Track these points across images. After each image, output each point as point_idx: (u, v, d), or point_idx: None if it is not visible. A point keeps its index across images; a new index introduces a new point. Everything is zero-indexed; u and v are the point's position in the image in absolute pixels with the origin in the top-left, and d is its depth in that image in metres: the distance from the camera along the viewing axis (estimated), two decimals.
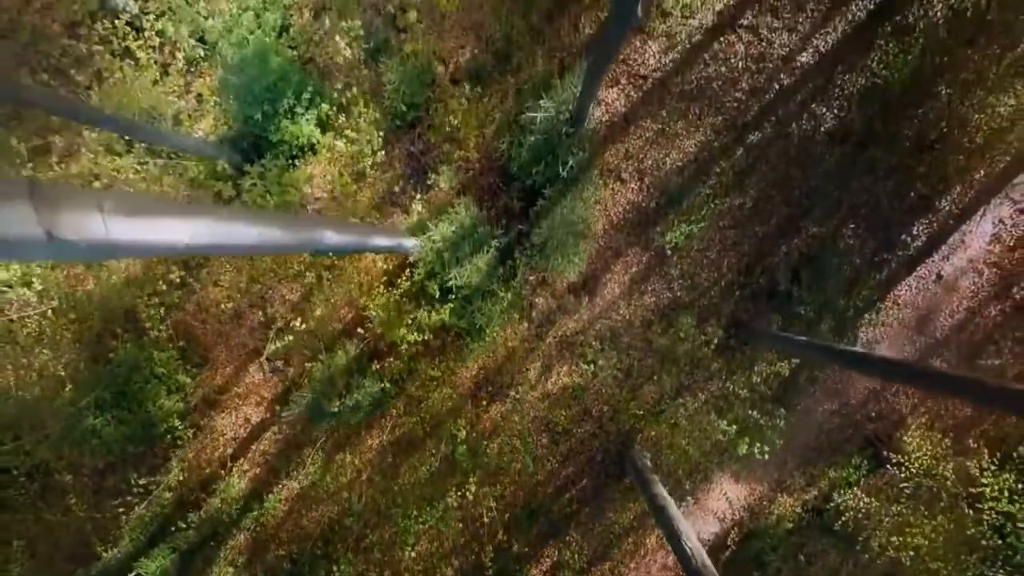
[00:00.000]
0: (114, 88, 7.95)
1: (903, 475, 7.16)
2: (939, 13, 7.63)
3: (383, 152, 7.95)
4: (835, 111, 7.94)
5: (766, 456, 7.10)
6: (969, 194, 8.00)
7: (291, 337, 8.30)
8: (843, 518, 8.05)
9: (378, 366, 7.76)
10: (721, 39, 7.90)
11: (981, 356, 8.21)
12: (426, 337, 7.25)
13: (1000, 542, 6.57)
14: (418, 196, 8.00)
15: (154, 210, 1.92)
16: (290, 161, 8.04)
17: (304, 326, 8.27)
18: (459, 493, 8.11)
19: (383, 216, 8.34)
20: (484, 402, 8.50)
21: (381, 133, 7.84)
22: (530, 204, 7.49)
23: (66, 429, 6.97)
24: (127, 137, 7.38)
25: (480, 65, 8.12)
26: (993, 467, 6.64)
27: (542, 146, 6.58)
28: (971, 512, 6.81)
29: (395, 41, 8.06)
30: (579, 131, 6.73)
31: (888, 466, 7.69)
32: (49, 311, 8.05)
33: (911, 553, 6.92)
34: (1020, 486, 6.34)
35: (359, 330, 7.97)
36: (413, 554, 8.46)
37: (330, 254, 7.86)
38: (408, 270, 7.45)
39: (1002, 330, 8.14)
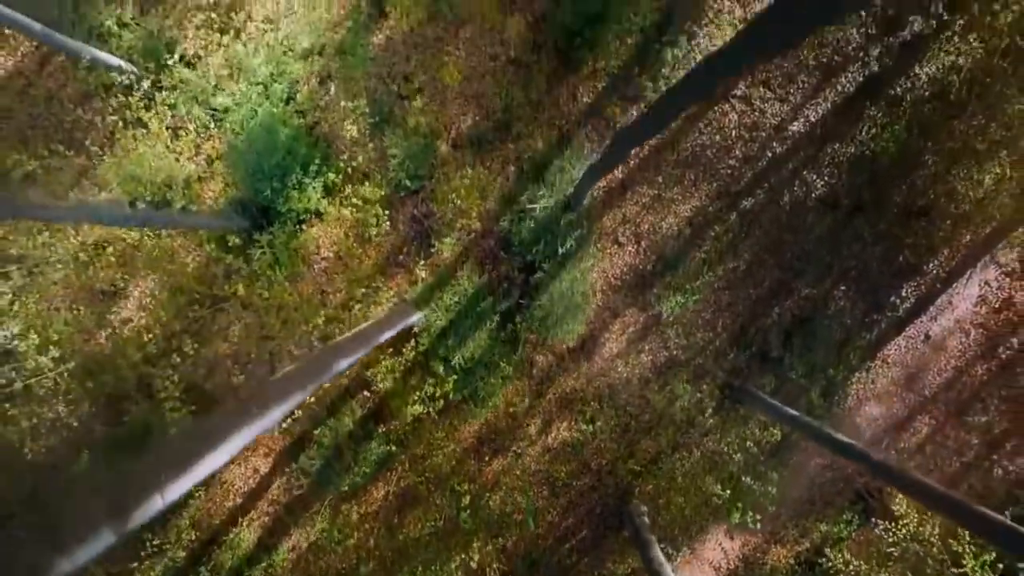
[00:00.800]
0: (126, 155, 8.22)
1: (891, 539, 7.42)
2: (925, 86, 7.88)
3: (387, 218, 8.21)
4: (826, 179, 8.18)
5: (758, 525, 7.35)
6: (956, 258, 8.25)
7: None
8: None
9: (383, 428, 8.01)
10: (715, 108, 8.15)
11: (969, 413, 8.46)
12: (431, 409, 7.50)
13: None
14: (422, 261, 8.25)
15: (200, 453, 2.18)
16: (298, 226, 8.30)
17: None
18: (463, 554, 8.37)
19: (387, 278, 8.60)
20: (486, 457, 8.75)
21: (385, 201, 8.10)
22: (531, 273, 7.74)
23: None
24: (144, 227, 7.63)
25: (481, 132, 8.37)
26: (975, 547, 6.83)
27: (541, 229, 6.83)
28: None
29: (399, 111, 8.32)
30: (577, 212, 6.98)
31: (877, 529, 7.93)
32: (66, 373, 8.33)
33: None
34: (1001, 566, 6.58)
35: (364, 392, 8.23)
36: None
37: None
38: (413, 339, 7.70)
39: (989, 388, 8.39)
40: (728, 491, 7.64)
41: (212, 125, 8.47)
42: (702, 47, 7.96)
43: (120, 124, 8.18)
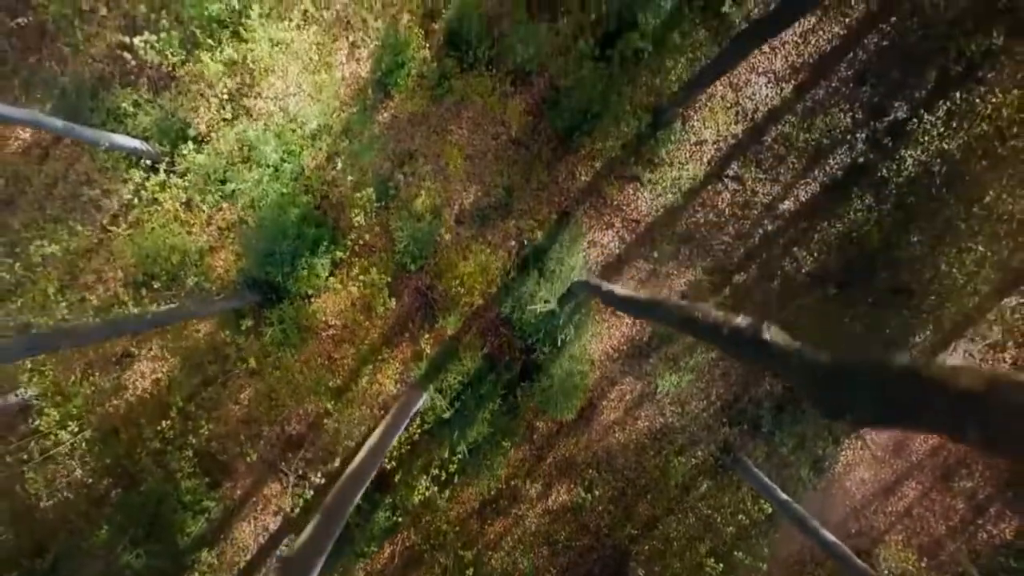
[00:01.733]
0: (140, 232, 8.52)
1: None
2: (910, 169, 8.19)
3: (392, 293, 8.52)
4: (815, 255, 8.50)
5: None
6: (942, 330, 8.55)
7: (307, 456, 8.91)
8: None
9: (389, 499, 8.32)
10: (709, 187, 8.47)
11: (954, 479, 8.76)
12: (437, 487, 7.81)
13: None
14: (426, 334, 8.56)
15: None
16: (306, 299, 8.61)
17: (320, 442, 8.94)
18: None
19: (393, 347, 8.91)
20: (488, 519, 9.05)
21: (390, 278, 8.40)
22: (531, 352, 8.05)
23: (104, 573, 7.55)
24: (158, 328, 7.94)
25: (483, 208, 8.69)
26: None
27: (541, 321, 7.15)
28: None
29: (404, 189, 8.62)
30: (575, 302, 7.29)
31: None
32: (83, 442, 8.65)
33: None
34: None
35: None
36: None
37: None
38: (419, 418, 8.00)
39: (973, 455, 8.69)
40: (721, 564, 7.96)
41: (224, 202, 8.77)
42: (696, 131, 8.28)
43: (135, 201, 8.49)
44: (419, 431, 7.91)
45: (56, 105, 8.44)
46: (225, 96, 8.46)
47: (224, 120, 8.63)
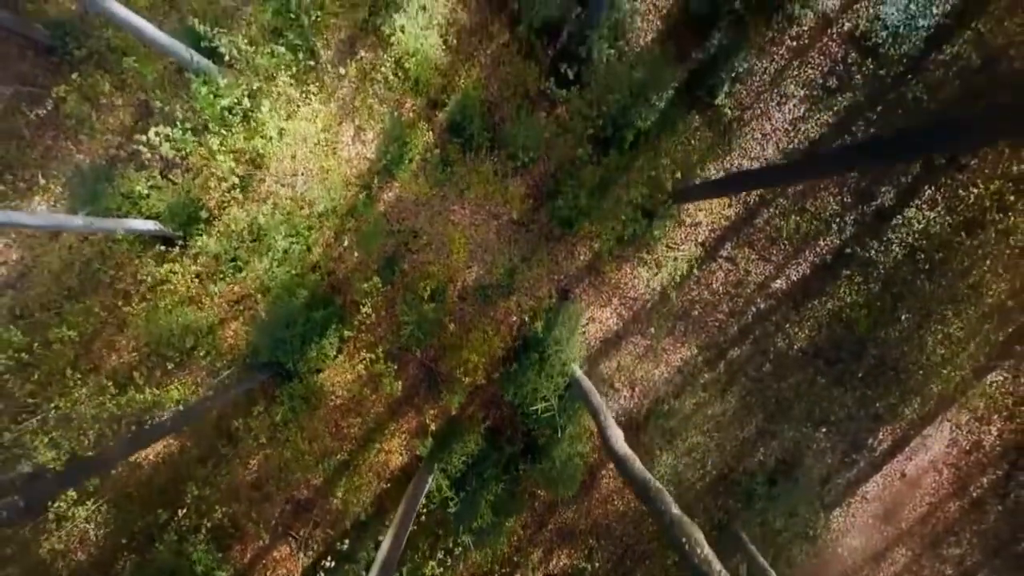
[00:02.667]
0: (154, 311, 8.79)
1: None
2: (897, 250, 8.48)
3: (398, 372, 8.80)
4: (807, 331, 8.78)
5: None
6: (929, 404, 8.84)
7: (315, 520, 9.20)
8: None
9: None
10: (703, 267, 8.76)
11: (943, 546, 9.04)
12: (442, 572, 8.09)
13: None
14: (431, 410, 8.84)
15: None
16: (315, 372, 8.89)
17: (328, 507, 9.23)
18: None
19: (398, 420, 9.19)
20: None
21: (396, 365, 8.68)
22: (532, 433, 8.33)
23: None
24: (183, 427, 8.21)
25: (486, 285, 8.97)
26: None
27: (542, 413, 7.43)
28: None
29: (409, 269, 8.91)
30: (573, 393, 7.57)
31: None
32: (98, 513, 8.93)
33: None
34: None
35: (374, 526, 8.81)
36: None
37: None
38: (424, 499, 8.27)
39: (961, 523, 8.97)
40: None
41: (234, 282, 9.04)
42: (691, 214, 8.58)
43: (148, 280, 8.78)
44: (424, 511, 8.18)
45: (72, 185, 8.71)
46: (235, 179, 8.75)
47: (234, 199, 8.92)
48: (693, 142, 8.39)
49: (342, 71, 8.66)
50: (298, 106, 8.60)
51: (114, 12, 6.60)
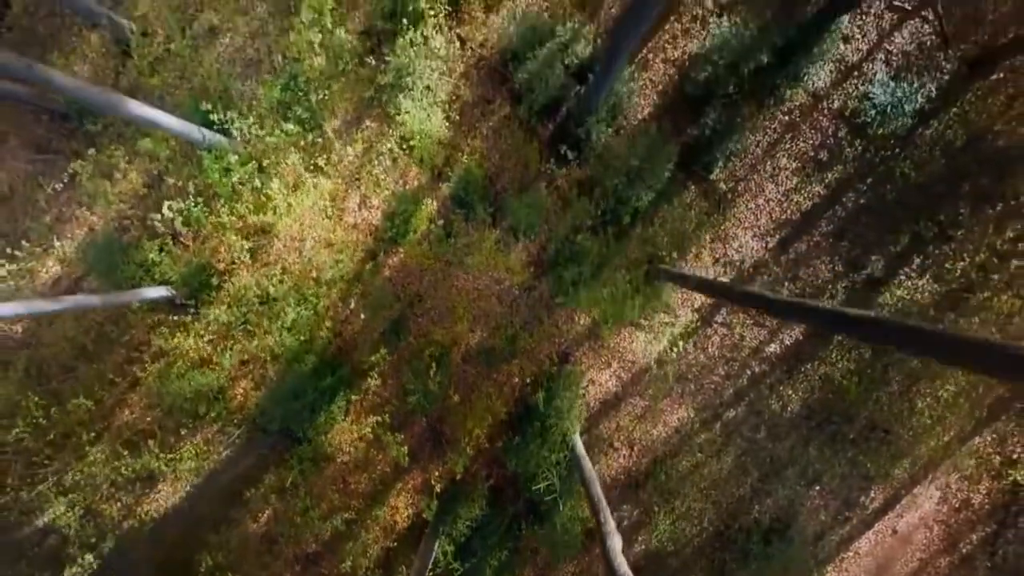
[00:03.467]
0: (167, 378, 9.06)
1: None
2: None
3: (403, 433, 9.06)
4: (800, 394, 9.06)
5: None
6: (919, 464, 9.10)
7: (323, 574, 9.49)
8: None
9: None
10: (700, 332, 9.03)
11: None
12: None
13: None
14: (436, 471, 9.10)
15: None
16: (323, 435, 9.16)
17: (336, 559, 9.51)
18: None
19: (403, 477, 9.46)
20: None
21: (402, 435, 8.94)
22: (534, 496, 8.60)
23: None
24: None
25: (488, 349, 9.24)
26: None
27: (542, 476, 7.71)
28: None
29: (414, 332, 9.19)
30: (572, 460, 7.84)
31: None
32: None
33: None
34: None
35: None
36: None
37: None
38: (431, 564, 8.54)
39: None
40: None
41: (245, 349, 9.29)
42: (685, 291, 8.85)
43: (161, 346, 9.05)
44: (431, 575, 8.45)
45: (87, 255, 8.98)
46: (247, 246, 9.02)
47: (243, 263, 9.19)
48: (689, 212, 8.67)
49: (349, 147, 8.94)
50: (305, 180, 8.88)
51: (130, 111, 6.88)
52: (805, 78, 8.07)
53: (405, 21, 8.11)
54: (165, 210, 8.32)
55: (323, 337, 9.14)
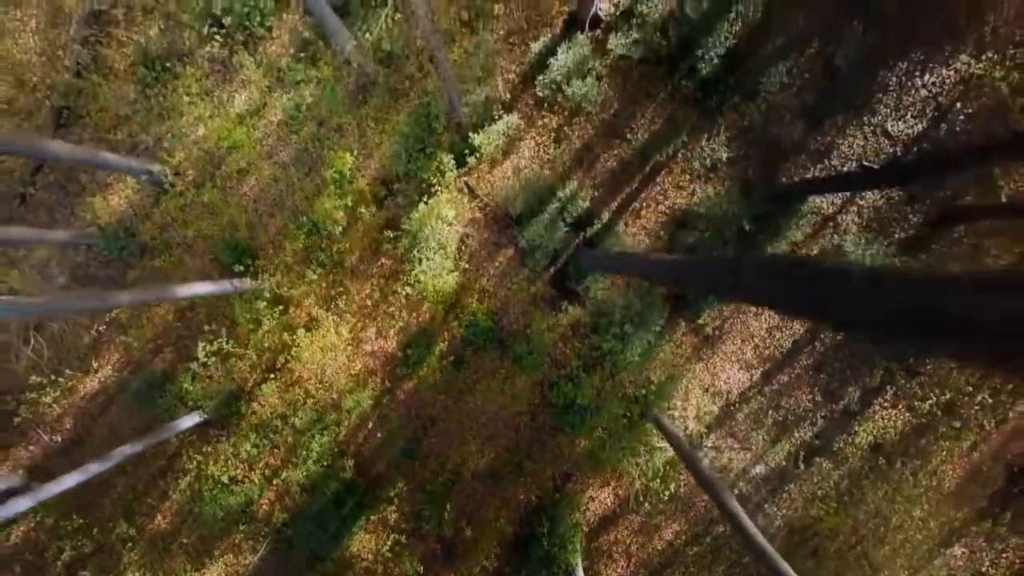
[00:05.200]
0: (197, 499, 9.84)
1: None
2: (864, 441, 9.51)
3: (416, 546, 9.83)
4: (784, 511, 9.79)
5: None
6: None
7: None
8: None
9: None
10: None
11: None
12: None
13: None
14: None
15: None
16: (344, 550, 9.92)
17: None
18: None
19: None
20: None
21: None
22: None
23: None
24: None
25: (496, 469, 10.00)
26: None
27: None
28: None
29: (427, 450, 9.96)
30: None
31: None
32: None
33: None
34: None
35: None
36: None
37: None
38: None
39: None
40: None
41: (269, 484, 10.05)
42: (680, 410, 9.61)
43: (196, 474, 9.87)
44: None
45: (128, 399, 9.81)
46: (270, 375, 9.80)
47: (266, 380, 9.94)
48: (680, 349, 9.45)
49: (366, 285, 9.74)
50: (327, 320, 9.67)
51: (176, 293, 7.70)
52: (787, 233, 8.86)
53: (417, 197, 8.99)
54: (201, 354, 9.12)
55: (344, 466, 9.87)
